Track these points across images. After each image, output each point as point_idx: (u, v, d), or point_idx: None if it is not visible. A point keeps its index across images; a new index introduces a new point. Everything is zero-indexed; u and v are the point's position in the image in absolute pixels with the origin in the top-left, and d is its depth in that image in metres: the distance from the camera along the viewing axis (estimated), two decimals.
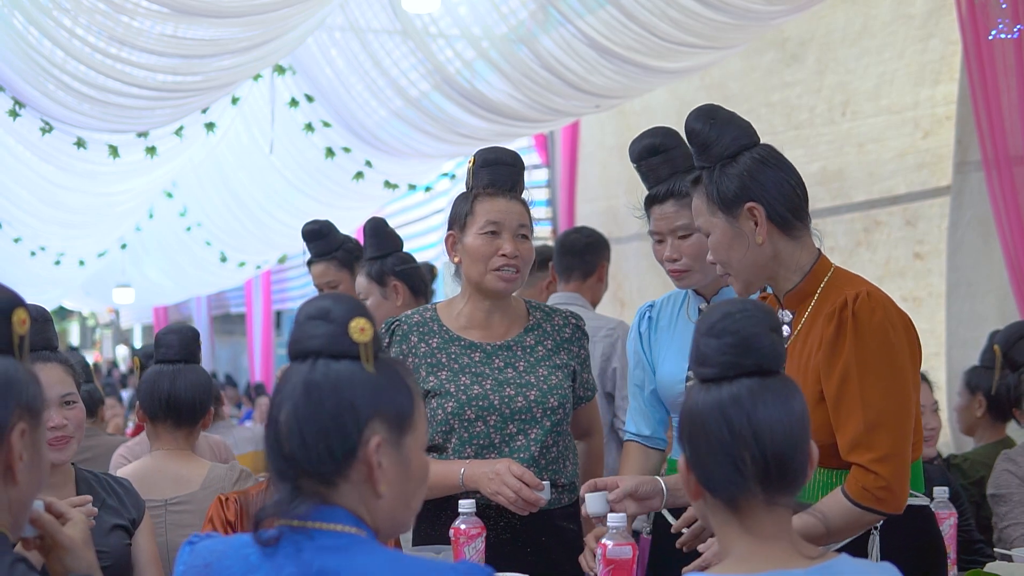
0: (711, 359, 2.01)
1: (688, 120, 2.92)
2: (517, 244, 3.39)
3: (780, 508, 1.99)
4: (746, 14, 6.29)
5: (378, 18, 7.99)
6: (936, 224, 6.71)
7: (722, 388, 1.98)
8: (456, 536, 3.05)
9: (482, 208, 3.41)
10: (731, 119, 2.90)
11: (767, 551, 1.97)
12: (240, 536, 2.02)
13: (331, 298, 2.01)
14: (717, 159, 2.86)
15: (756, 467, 1.95)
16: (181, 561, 2.02)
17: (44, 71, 7.02)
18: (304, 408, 1.93)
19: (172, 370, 4.05)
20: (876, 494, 2.66)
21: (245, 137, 10.05)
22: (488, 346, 3.47)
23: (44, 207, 10.47)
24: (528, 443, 3.38)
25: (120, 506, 3.53)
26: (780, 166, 2.87)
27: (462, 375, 3.42)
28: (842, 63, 7.26)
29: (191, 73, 7.23)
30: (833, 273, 2.88)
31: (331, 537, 1.93)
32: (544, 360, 3.47)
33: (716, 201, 2.85)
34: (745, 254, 2.85)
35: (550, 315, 3.58)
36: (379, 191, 9.66)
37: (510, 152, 3.50)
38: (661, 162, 3.43)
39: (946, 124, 6.54)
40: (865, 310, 2.72)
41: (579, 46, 7.21)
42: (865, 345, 2.71)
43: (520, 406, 3.39)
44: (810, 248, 2.89)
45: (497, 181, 3.42)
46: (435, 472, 3.18)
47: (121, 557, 3.47)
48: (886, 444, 2.67)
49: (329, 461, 1.93)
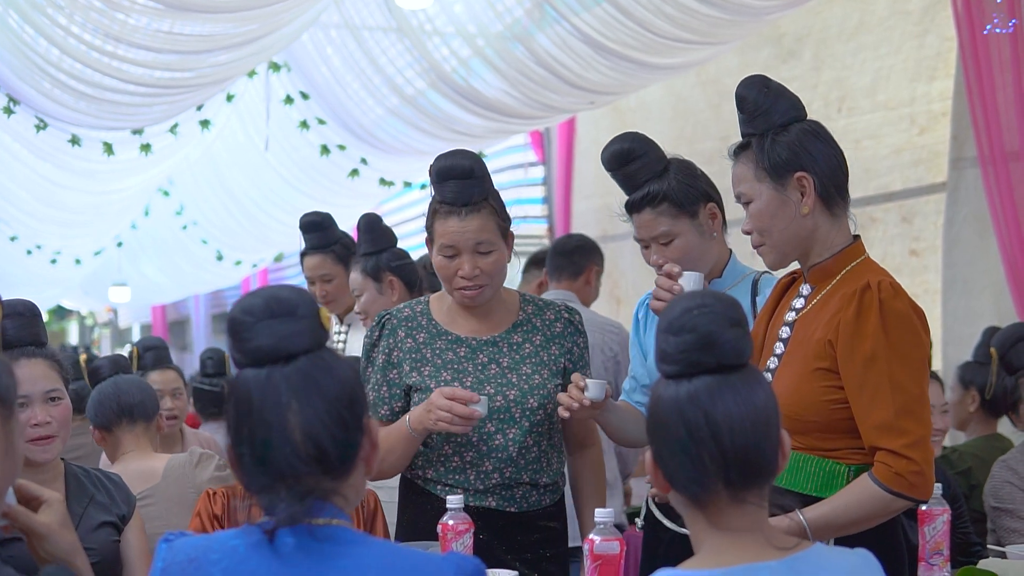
0: (671, 356, 1.98)
1: (740, 87, 2.94)
2: (477, 261, 3.33)
3: (749, 504, 1.96)
4: (741, 9, 6.28)
5: (373, 16, 7.98)
6: (932, 221, 6.69)
7: (681, 385, 1.96)
8: (444, 532, 3.02)
9: (439, 228, 3.36)
10: (783, 91, 2.93)
11: (738, 544, 1.95)
12: (219, 533, 2.00)
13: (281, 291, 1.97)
14: (767, 127, 2.88)
15: (716, 466, 1.93)
16: (160, 558, 1.99)
17: (38, 68, 7.01)
18: (322, 404, 1.91)
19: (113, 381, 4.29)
20: (910, 479, 2.66)
21: (241, 135, 10.03)
22: (474, 341, 3.43)
23: (40, 205, 10.46)
24: (506, 443, 3.34)
25: (109, 502, 3.50)
26: (829, 141, 2.91)
27: (444, 371, 3.38)
28: (838, 59, 7.23)
29: (185, 69, 7.22)
30: (863, 261, 2.90)
31: (329, 531, 1.92)
32: (530, 357, 3.42)
33: (766, 167, 2.86)
34: (788, 224, 2.87)
35: (543, 309, 3.53)
36: (374, 188, 9.64)
37: (466, 160, 3.35)
38: (637, 168, 3.39)
39: (942, 120, 6.52)
40: (890, 296, 2.74)
41: (574, 42, 7.19)
42: (893, 330, 2.72)
43: (499, 405, 3.34)
44: (845, 230, 2.92)
45: (449, 198, 3.33)
46: (388, 433, 3.26)
47: (109, 554, 3.44)
48: (917, 429, 2.69)
49: (353, 450, 1.94)
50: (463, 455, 3.35)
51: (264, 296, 1.96)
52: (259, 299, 1.95)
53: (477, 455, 3.34)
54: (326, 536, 1.91)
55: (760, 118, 2.89)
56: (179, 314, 21.39)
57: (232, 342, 1.95)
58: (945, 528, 3.27)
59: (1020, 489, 4.37)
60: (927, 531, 3.26)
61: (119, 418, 4.17)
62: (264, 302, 1.94)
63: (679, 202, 3.38)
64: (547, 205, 10.30)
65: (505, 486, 3.35)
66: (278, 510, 1.90)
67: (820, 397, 2.78)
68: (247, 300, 1.97)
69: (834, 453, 2.80)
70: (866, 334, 2.72)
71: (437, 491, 3.38)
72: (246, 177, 10.88)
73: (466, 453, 3.35)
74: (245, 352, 1.94)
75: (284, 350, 1.92)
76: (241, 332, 1.93)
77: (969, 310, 6.09)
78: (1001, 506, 4.37)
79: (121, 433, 4.18)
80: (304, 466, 1.90)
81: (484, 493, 3.35)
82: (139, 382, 4.32)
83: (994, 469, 4.51)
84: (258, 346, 1.93)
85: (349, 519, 1.96)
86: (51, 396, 3.44)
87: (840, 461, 2.79)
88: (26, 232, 11.23)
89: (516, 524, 3.36)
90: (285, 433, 1.90)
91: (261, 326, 1.92)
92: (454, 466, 3.36)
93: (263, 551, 1.90)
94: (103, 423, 4.21)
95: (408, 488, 3.49)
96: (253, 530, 1.93)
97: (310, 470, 1.91)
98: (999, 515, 4.38)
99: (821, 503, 2.72)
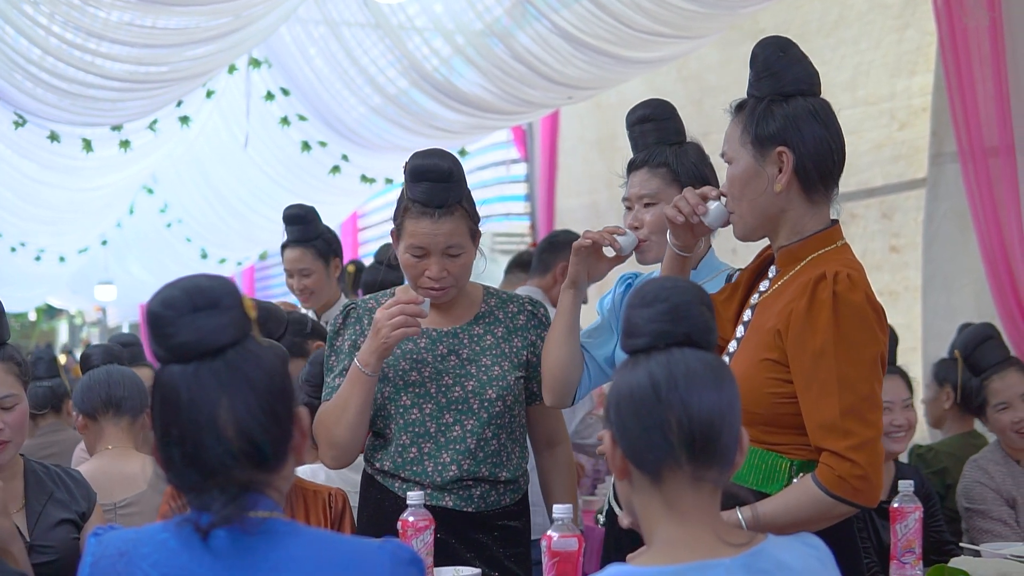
0: (641, 328, 1.94)
1: (757, 45, 2.78)
2: (445, 264, 3.31)
3: (706, 486, 1.92)
4: (718, 3, 6.28)
5: (351, 11, 7.95)
6: (912, 217, 6.66)
7: (651, 356, 1.92)
8: (404, 528, 2.99)
9: (409, 227, 3.32)
10: (800, 58, 2.76)
11: (691, 537, 1.91)
12: (148, 527, 1.96)
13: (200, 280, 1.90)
14: (770, 92, 2.73)
15: (682, 433, 1.88)
16: (89, 552, 1.95)
17: (16, 65, 6.96)
18: (252, 397, 1.86)
19: (107, 369, 4.17)
20: (854, 484, 2.53)
21: (223, 132, 10.01)
22: (434, 332, 3.40)
23: (22, 203, 10.45)
24: (464, 434, 3.32)
25: (69, 499, 3.46)
26: (828, 125, 2.73)
27: (403, 360, 3.36)
28: (818, 54, 7.17)
29: (161, 63, 7.19)
30: (834, 249, 2.75)
31: (262, 523, 1.88)
32: (491, 349, 3.40)
33: (751, 134, 2.72)
34: (758, 197, 2.74)
35: (506, 302, 3.51)
36: (356, 185, 9.63)
37: (444, 162, 3.31)
38: (651, 129, 3.38)
39: (922, 116, 6.49)
40: (846, 288, 2.60)
41: (552, 38, 7.19)
42: (845, 324, 2.58)
43: (456, 396, 3.33)
44: (820, 218, 2.76)
45: (424, 199, 3.28)
46: (340, 392, 3.28)
47: (68, 551, 3.40)
48: (863, 431, 2.55)
49: (285, 442, 1.90)
50: (421, 446, 3.33)
51: (184, 288, 1.89)
52: (179, 291, 1.88)
53: (435, 446, 3.32)
54: (258, 529, 1.87)
55: (766, 80, 2.73)
56: None
57: (153, 337, 1.88)
58: (917, 526, 3.25)
59: (991, 489, 4.36)
60: (899, 529, 3.24)
61: (105, 408, 4.07)
62: (185, 294, 1.87)
63: (676, 173, 3.34)
64: (530, 202, 10.26)
65: (462, 483, 3.32)
66: (212, 509, 1.86)
67: (765, 389, 2.66)
68: (166, 292, 1.89)
69: (778, 447, 2.68)
70: (817, 328, 2.58)
71: (395, 488, 3.35)
72: (230, 174, 10.86)
73: (424, 444, 3.33)
74: (169, 348, 1.87)
75: (210, 344, 1.86)
76: (163, 327, 1.87)
77: (949, 306, 6.05)
78: (973, 506, 4.35)
79: (105, 423, 4.08)
80: (237, 462, 1.86)
81: (442, 490, 3.31)
82: (132, 376, 4.20)
83: (965, 469, 4.49)
84: (183, 342, 1.87)
85: (282, 511, 1.92)
86: (5, 404, 3.34)
87: (783, 455, 2.67)
88: (9, 229, 11.21)
89: (474, 524, 3.33)
90: (217, 430, 1.85)
91: (184, 320, 1.86)
92: (411, 457, 3.33)
93: (194, 546, 1.86)
94: (88, 410, 4.10)
95: (368, 484, 3.46)
96: (184, 525, 1.88)
97: (243, 466, 1.86)
98: (971, 515, 4.36)
99: (763, 502, 2.61)
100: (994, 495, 4.36)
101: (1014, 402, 4.55)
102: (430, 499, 3.27)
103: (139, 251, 14.31)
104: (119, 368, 4.20)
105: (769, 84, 2.73)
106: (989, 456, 4.51)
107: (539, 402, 3.48)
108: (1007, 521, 4.33)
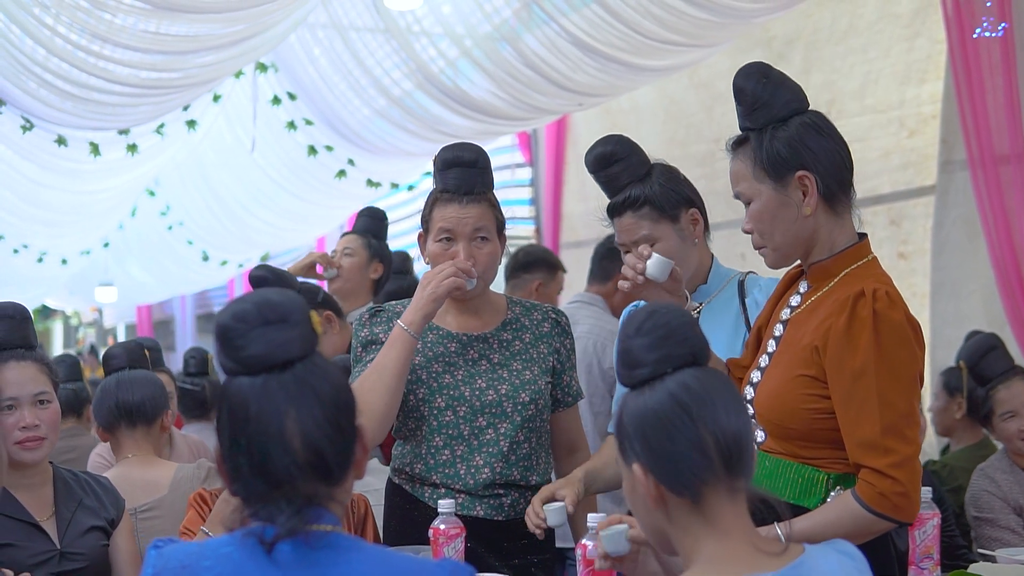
0: (643, 358, 1.98)
1: (738, 77, 2.78)
2: (473, 249, 3.34)
3: (740, 496, 1.96)
4: (730, 12, 6.27)
5: (361, 17, 7.96)
6: (921, 224, 6.68)
7: (665, 381, 1.96)
8: (435, 536, 3.01)
9: (438, 214, 3.36)
10: (783, 80, 2.77)
11: (733, 553, 1.93)
12: (211, 540, 1.97)
13: (271, 295, 1.93)
14: (767, 122, 2.73)
15: (719, 448, 1.93)
16: (149, 564, 1.96)
17: (25, 68, 6.97)
18: (319, 410, 1.89)
19: (116, 377, 4.13)
20: (895, 501, 2.54)
21: (228, 136, 10.00)
22: (464, 336, 3.43)
23: (26, 205, 10.42)
24: (497, 437, 3.34)
25: (98, 506, 3.49)
26: (832, 135, 2.74)
27: (435, 363, 3.39)
28: (828, 62, 7.23)
29: (172, 70, 7.19)
30: (865, 263, 2.75)
31: (324, 537, 1.90)
32: (520, 354, 3.43)
33: (765, 166, 2.71)
34: (790, 226, 2.72)
35: (529, 310, 3.54)
36: (362, 190, 9.62)
37: (470, 150, 3.37)
38: (620, 171, 3.37)
39: (931, 123, 6.52)
40: (885, 307, 2.60)
41: (562, 44, 7.18)
42: (887, 343, 2.59)
43: (491, 399, 3.35)
44: (849, 229, 2.78)
45: (451, 185, 3.34)
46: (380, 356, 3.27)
47: (97, 558, 3.43)
48: (903, 448, 2.56)
49: (350, 455, 1.92)
50: (453, 448, 3.35)
51: (255, 302, 1.92)
52: (250, 305, 1.91)
53: (468, 449, 3.34)
54: (322, 543, 1.88)
55: (760, 111, 2.73)
56: (164, 314, 21.34)
57: (223, 349, 1.90)
58: (935, 532, 3.26)
59: (998, 498, 4.39)
60: (917, 535, 3.24)
61: (118, 420, 4.06)
62: (256, 308, 1.90)
63: (660, 206, 3.35)
64: (534, 206, 10.28)
65: (494, 489, 3.34)
66: (278, 521, 1.88)
67: (802, 405, 2.67)
68: (237, 306, 1.92)
69: (814, 461, 2.69)
70: (858, 346, 2.59)
71: (425, 497, 3.37)
72: (233, 178, 10.85)
73: (457, 446, 3.35)
74: (238, 360, 1.90)
75: (280, 357, 1.89)
76: (234, 339, 1.89)
77: (958, 313, 6.09)
78: (981, 515, 4.38)
79: (121, 435, 4.08)
80: (303, 474, 1.88)
81: (473, 499, 3.34)
82: (143, 380, 4.14)
83: (973, 478, 4.51)
84: (252, 354, 1.89)
85: (339, 523, 1.94)
86: (40, 399, 3.43)
87: (821, 469, 2.68)
88: (12, 232, 11.20)
89: (504, 532, 3.35)
90: (284, 442, 1.87)
91: (255, 333, 1.89)
92: (444, 459, 3.35)
93: (259, 559, 1.87)
94: (103, 423, 4.11)
95: (394, 494, 3.48)
96: (248, 537, 1.90)
97: (308, 477, 1.88)
98: (980, 524, 4.39)
99: (803, 517, 2.61)
100: (1001, 503, 4.39)
101: (1020, 411, 4.58)
102: (460, 509, 3.28)
103: (140, 253, 14.29)
104: (130, 374, 4.15)
105: (764, 115, 2.74)
106: (996, 465, 4.54)
107: (562, 408, 3.52)
108: (1015, 529, 4.36)
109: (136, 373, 4.17)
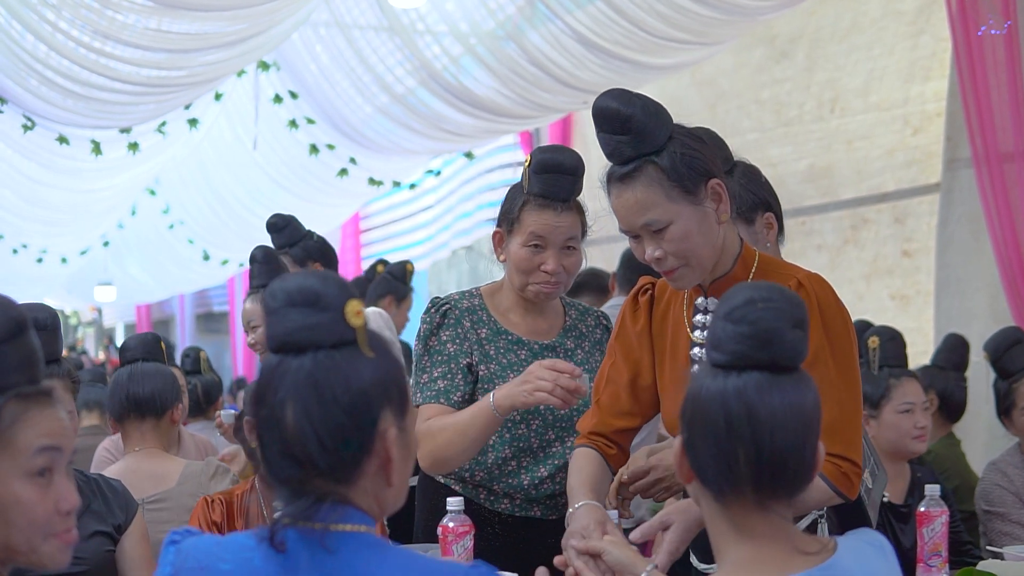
0: (724, 345, 1.88)
1: (613, 107, 2.61)
2: (562, 258, 3.26)
3: (773, 514, 1.89)
4: (735, 9, 6.26)
5: (364, 15, 7.95)
6: (925, 221, 6.69)
7: (729, 377, 1.87)
8: (444, 534, 2.97)
9: (529, 219, 3.24)
10: (648, 101, 2.65)
11: (761, 557, 1.89)
12: (233, 536, 1.92)
13: (313, 278, 1.84)
14: (659, 143, 2.61)
15: (749, 467, 1.85)
16: (167, 562, 1.91)
17: (27, 66, 6.96)
18: (316, 407, 1.79)
19: (129, 369, 4.11)
20: (853, 480, 2.58)
21: (228, 134, 10.00)
22: (535, 345, 3.37)
23: (25, 204, 10.43)
24: (564, 450, 3.30)
25: (105, 511, 3.42)
26: (702, 138, 2.68)
27: (510, 372, 3.30)
28: (831, 59, 7.23)
29: (175, 68, 7.18)
30: (761, 259, 2.73)
31: (345, 538, 1.83)
32: (583, 364, 3.35)
33: (679, 185, 2.60)
34: (712, 238, 2.65)
35: (583, 315, 3.49)
36: (363, 188, 9.62)
37: (571, 156, 3.26)
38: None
39: (936, 121, 6.52)
40: (824, 290, 2.60)
41: (567, 41, 7.18)
42: (832, 328, 2.58)
43: (563, 413, 3.28)
44: (734, 231, 2.74)
45: (549, 192, 3.21)
46: (462, 419, 3.16)
47: (100, 564, 3.36)
48: (856, 429, 2.60)
49: (350, 460, 1.82)
50: (520, 459, 3.31)
51: (293, 281, 1.85)
52: (289, 283, 1.84)
53: (533, 460, 3.31)
54: (340, 545, 1.82)
55: (649, 136, 2.60)
56: (163, 313, 21.35)
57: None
58: (943, 530, 3.26)
59: (1010, 492, 4.38)
60: (925, 532, 3.24)
61: (127, 412, 4.05)
62: (289, 288, 1.84)
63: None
64: None
65: (554, 497, 3.32)
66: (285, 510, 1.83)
67: None
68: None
69: None
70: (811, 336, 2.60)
71: (480, 499, 3.32)
72: (233, 176, 10.84)
73: (524, 458, 3.31)
74: (269, 336, 1.85)
75: (295, 342, 1.82)
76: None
77: (963, 311, 6.08)
78: (992, 509, 4.37)
79: (130, 427, 4.07)
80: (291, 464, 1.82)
81: (531, 502, 3.32)
82: (155, 373, 4.12)
83: (984, 472, 4.50)
84: (273, 333, 1.84)
85: (371, 522, 1.86)
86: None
87: None
88: (11, 231, 11.19)
89: (555, 529, 3.30)
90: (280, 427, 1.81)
91: (280, 313, 1.82)
92: (510, 469, 3.31)
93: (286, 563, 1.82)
94: (114, 414, 4.11)
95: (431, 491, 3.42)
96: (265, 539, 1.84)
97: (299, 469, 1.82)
98: (990, 518, 4.37)
99: None
100: (1013, 498, 4.38)
101: None
102: (519, 510, 3.28)
103: (140, 252, 14.29)
104: (142, 367, 4.13)
105: (656, 136, 2.61)
106: (1008, 459, 4.53)
107: None
108: None
109: (148, 366, 4.15)
